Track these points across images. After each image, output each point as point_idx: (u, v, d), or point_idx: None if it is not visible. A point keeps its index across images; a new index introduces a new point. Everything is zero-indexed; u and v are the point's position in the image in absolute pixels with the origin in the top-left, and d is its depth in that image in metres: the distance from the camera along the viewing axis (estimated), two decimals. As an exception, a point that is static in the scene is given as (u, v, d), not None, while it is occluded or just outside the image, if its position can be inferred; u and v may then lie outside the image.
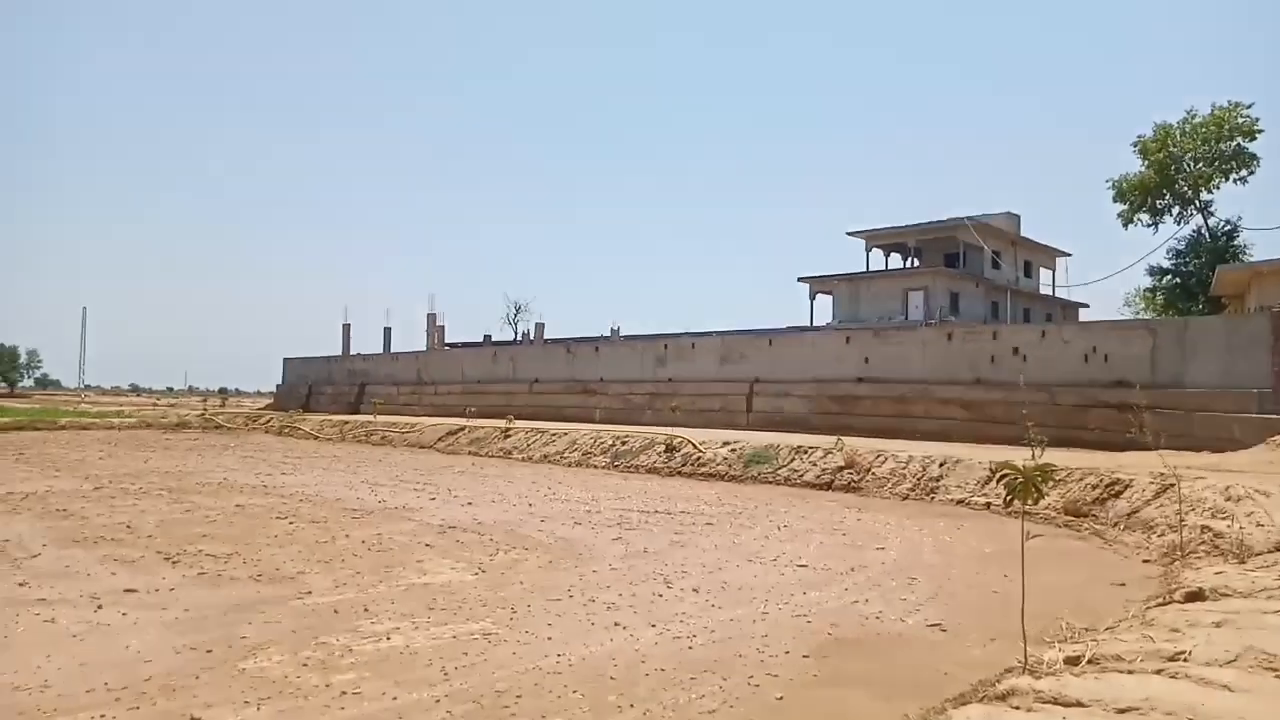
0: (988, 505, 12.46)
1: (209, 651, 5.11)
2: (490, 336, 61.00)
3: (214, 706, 4.22)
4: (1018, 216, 49.27)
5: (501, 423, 25.61)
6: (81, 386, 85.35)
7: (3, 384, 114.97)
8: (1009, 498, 4.70)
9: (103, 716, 4.08)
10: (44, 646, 5.16)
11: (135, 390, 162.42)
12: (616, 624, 5.96)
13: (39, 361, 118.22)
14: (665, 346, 30.48)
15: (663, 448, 19.26)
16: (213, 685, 4.54)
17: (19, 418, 34.13)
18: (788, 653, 5.33)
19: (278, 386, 52.80)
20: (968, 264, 45.17)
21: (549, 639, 5.54)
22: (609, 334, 50.47)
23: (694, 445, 18.65)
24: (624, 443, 20.58)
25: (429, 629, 5.72)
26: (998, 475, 4.97)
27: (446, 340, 55.46)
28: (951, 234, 44.37)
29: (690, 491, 14.79)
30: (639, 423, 26.91)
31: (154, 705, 4.24)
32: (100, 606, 6.16)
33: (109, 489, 13.39)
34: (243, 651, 5.13)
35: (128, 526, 9.77)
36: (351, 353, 49.93)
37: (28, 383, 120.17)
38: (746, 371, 27.12)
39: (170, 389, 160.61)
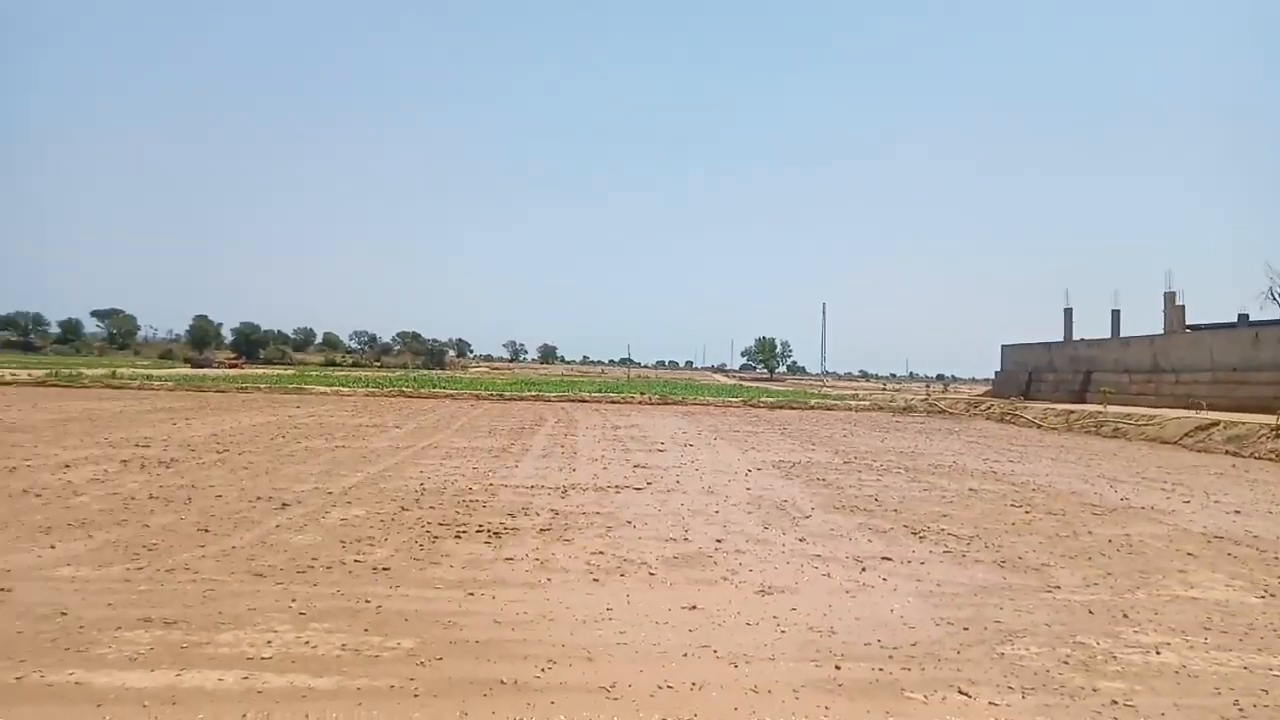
0: None
1: (965, 629, 5.27)
2: (1247, 316, 51.29)
3: (978, 685, 4.31)
4: None
5: (1270, 418, 21.31)
6: (822, 372, 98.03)
7: (764, 369, 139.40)
8: None
9: (880, 670, 4.50)
10: (827, 597, 5.96)
11: (864, 376, 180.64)
12: None
13: (790, 351, 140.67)
14: None
15: None
16: (973, 663, 4.65)
17: (780, 398, 40.97)
18: None
19: (995, 373, 52.97)
20: None
21: (1387, 698, 4.32)
22: None
23: None
24: None
25: (1207, 651, 4.97)
26: None
27: (1187, 322, 48.46)
28: None
29: None
30: None
31: (922, 671, 4.51)
32: (864, 569, 6.87)
33: (855, 463, 15.02)
34: (998, 635, 5.16)
35: (875, 499, 10.77)
36: (1074, 338, 47.20)
37: (782, 369, 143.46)
38: None
39: (893, 375, 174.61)
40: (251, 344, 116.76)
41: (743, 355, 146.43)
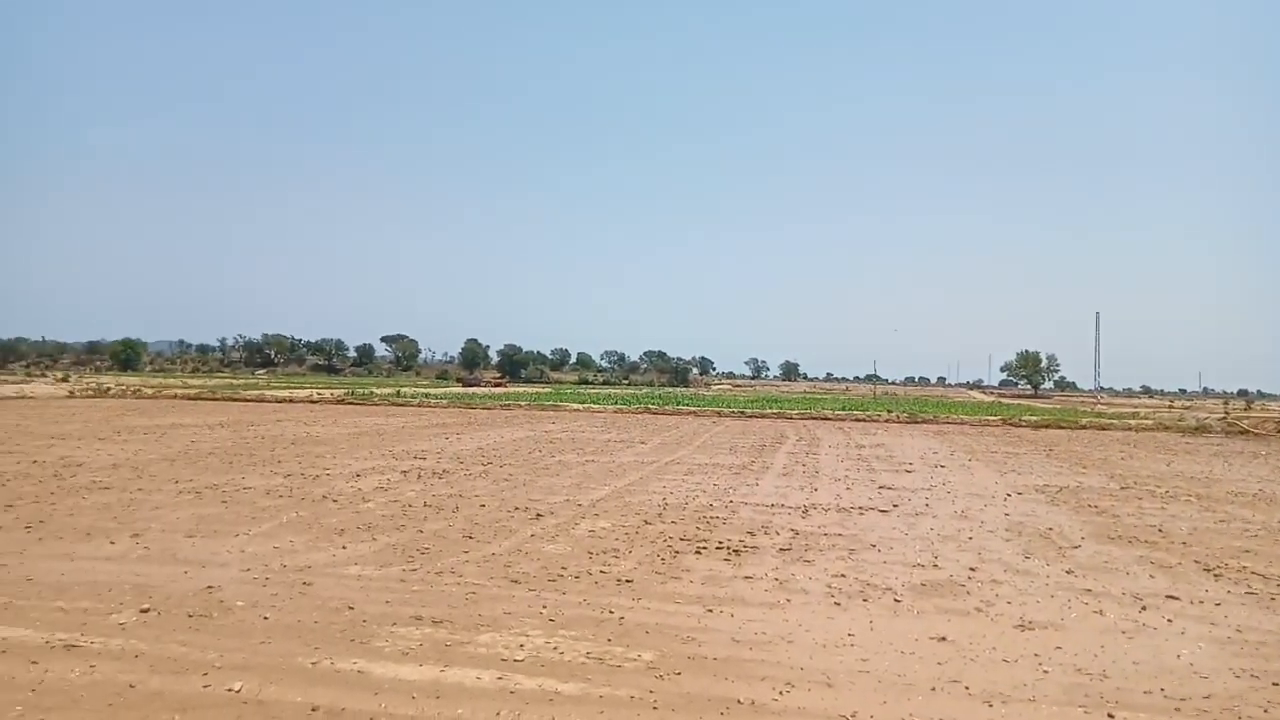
0: None
1: (1275, 685, 4.55)
2: None
3: (1291, 751, 3.70)
4: None
5: None
6: (1096, 388, 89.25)
7: (1027, 385, 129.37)
8: None
9: (1164, 723, 3.99)
10: (1099, 636, 5.38)
11: (1146, 392, 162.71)
12: None
13: (1057, 365, 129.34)
14: None
15: None
16: (1284, 725, 4.00)
17: (1045, 416, 37.77)
18: None
19: (1314, 388, 45.67)
20: None
21: None
22: None
23: None
24: None
25: None
26: None
27: None
28: None
29: None
30: None
31: (1218, 728, 3.95)
32: (1144, 608, 6.14)
33: (1134, 489, 13.50)
34: (1319, 695, 4.40)
35: (1159, 530, 9.62)
36: None
37: (1048, 385, 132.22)
38: None
39: (1182, 391, 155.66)
40: (514, 364, 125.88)
41: (1002, 370, 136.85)
